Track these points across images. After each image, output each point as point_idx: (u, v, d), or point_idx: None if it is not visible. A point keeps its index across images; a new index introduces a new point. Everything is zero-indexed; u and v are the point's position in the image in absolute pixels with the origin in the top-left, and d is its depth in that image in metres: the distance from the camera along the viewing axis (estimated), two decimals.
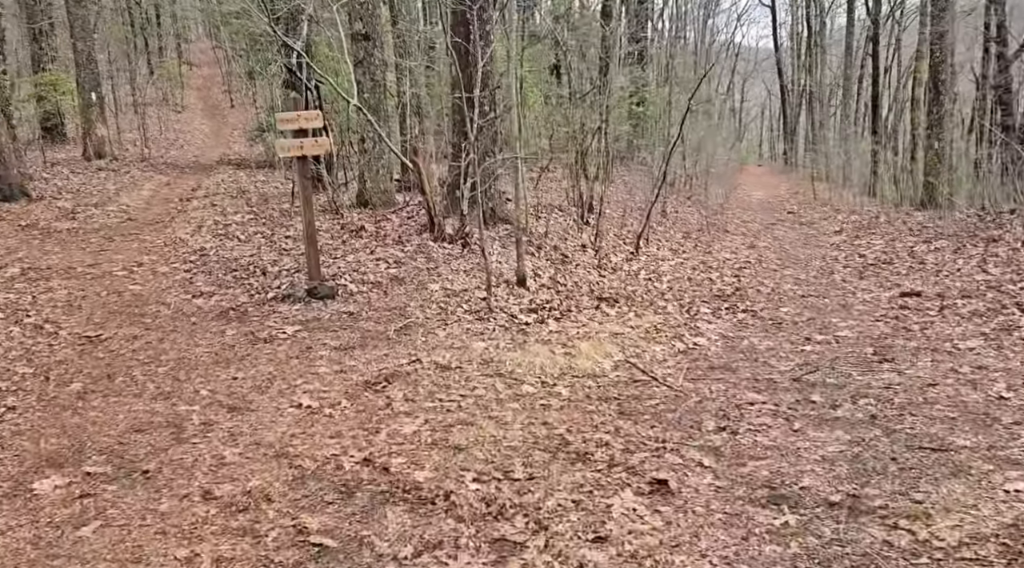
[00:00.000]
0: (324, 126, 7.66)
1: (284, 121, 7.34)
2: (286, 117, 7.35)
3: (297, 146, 7.37)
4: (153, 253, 9.56)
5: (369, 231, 9.52)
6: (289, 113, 7.38)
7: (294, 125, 7.36)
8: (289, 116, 7.34)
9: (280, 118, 7.34)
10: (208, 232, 10.32)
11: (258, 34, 18.69)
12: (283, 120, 7.34)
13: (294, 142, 7.38)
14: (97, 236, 10.80)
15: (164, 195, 14.80)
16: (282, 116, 7.36)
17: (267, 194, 14.07)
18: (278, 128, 7.43)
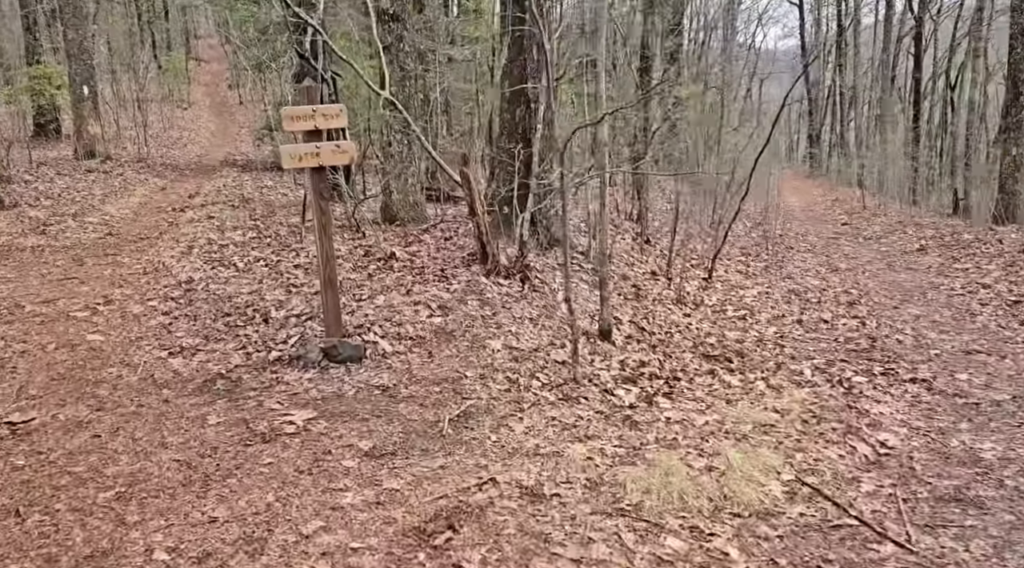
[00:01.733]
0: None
1: (294, 118, 5.20)
2: (296, 113, 5.20)
3: (311, 153, 5.23)
4: (128, 284, 7.44)
5: (401, 259, 7.39)
6: (300, 107, 5.23)
7: (307, 124, 5.22)
8: (300, 111, 5.20)
9: (288, 114, 5.19)
10: (200, 255, 8.18)
11: (267, 22, 16.55)
12: (292, 117, 5.19)
13: (307, 148, 5.24)
14: (66, 257, 8.69)
15: (157, 202, 12.66)
16: (291, 111, 5.21)
17: (273, 203, 11.93)
18: (285, 128, 5.29)
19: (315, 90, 5.27)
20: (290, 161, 5.26)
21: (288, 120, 5.24)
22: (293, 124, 5.26)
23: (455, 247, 8.12)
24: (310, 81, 5.25)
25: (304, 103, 5.33)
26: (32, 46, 22.90)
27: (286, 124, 5.24)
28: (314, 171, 5.36)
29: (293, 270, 7.26)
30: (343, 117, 5.38)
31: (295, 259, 7.74)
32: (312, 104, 5.32)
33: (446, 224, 9.65)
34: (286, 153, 5.25)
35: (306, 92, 5.26)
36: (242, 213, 10.90)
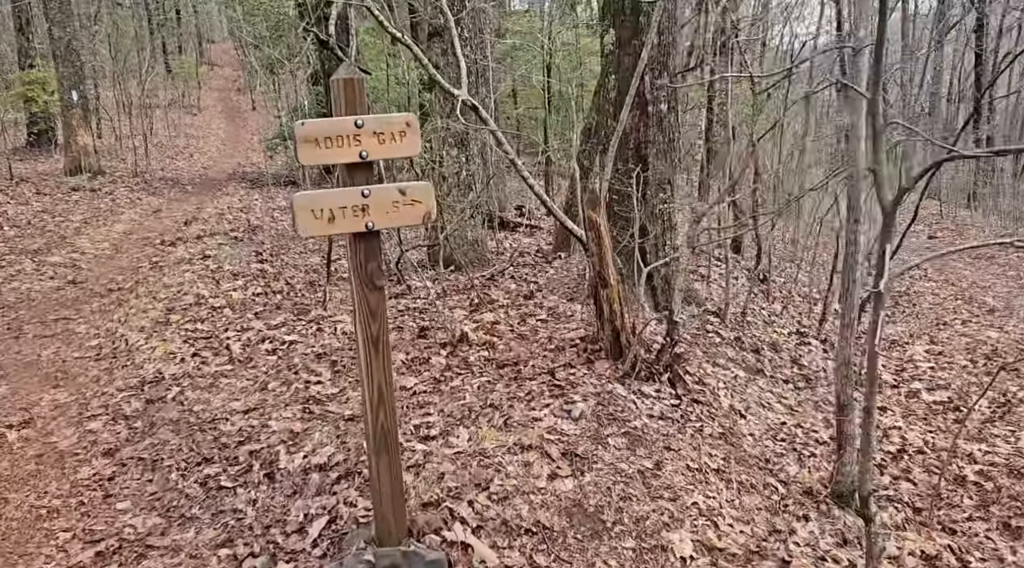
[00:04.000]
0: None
1: (319, 140, 2.58)
2: (324, 130, 2.58)
3: (355, 208, 2.63)
4: (68, 382, 4.83)
5: (476, 343, 4.75)
6: (332, 121, 2.61)
7: (346, 151, 2.61)
8: (333, 127, 2.58)
9: (308, 134, 2.55)
10: (181, 327, 5.56)
11: (279, 14, 13.94)
12: (316, 138, 2.57)
13: (345, 197, 2.63)
14: (0, 325, 6.11)
15: (145, 231, 10.06)
16: (314, 129, 2.56)
17: (286, 233, 9.31)
18: (302, 158, 2.67)
19: (359, 83, 2.65)
20: (314, 225, 2.63)
21: (308, 145, 2.60)
22: (318, 151, 2.63)
23: (548, 314, 5.48)
24: (353, 69, 2.57)
25: (342, 108, 2.69)
26: (25, 48, 20.37)
27: (304, 154, 2.61)
28: (358, 238, 2.74)
29: (314, 364, 4.63)
30: (415, 137, 2.76)
31: (317, 338, 5.12)
32: (355, 111, 2.68)
33: (519, 270, 7.02)
34: (304, 210, 2.60)
35: (344, 87, 2.63)
36: (246, 250, 8.28)
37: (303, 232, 2.65)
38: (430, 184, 2.85)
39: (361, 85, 2.71)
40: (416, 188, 2.81)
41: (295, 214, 2.62)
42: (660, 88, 5.75)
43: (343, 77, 2.67)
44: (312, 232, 2.67)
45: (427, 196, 2.82)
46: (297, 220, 2.62)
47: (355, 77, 2.69)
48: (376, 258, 2.80)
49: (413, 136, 2.77)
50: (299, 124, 2.61)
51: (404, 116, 2.78)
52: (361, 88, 2.71)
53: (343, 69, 2.69)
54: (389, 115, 2.75)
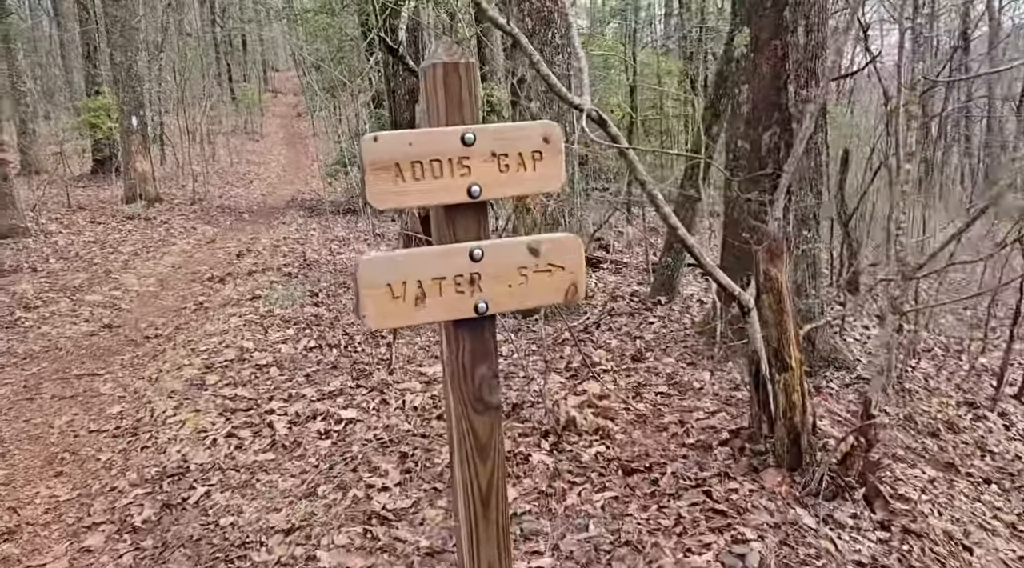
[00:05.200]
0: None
1: (399, 165, 1.51)
2: (410, 149, 1.51)
3: (461, 284, 1.56)
4: (76, 468, 3.85)
5: (585, 428, 3.60)
6: (426, 134, 1.54)
7: (448, 186, 1.55)
8: (430, 145, 1.52)
9: (381, 155, 1.48)
10: (217, 394, 4.55)
11: (342, 34, 13.20)
12: (394, 163, 1.50)
13: (447, 261, 1.56)
14: (16, 377, 5.21)
15: (196, 264, 9.24)
16: (394, 148, 1.49)
17: (345, 269, 8.34)
18: (372, 197, 1.61)
19: (468, 71, 1.58)
20: (391, 311, 1.54)
21: (382, 174, 1.52)
22: (399, 185, 1.54)
23: (668, 384, 4.30)
24: (460, 50, 1.51)
25: (439, 113, 1.60)
26: (92, 75, 20.27)
27: (377, 190, 1.52)
28: (460, 328, 1.64)
29: (378, 456, 3.53)
30: (557, 162, 1.66)
31: (381, 415, 4.03)
32: (462, 118, 1.60)
33: (612, 317, 5.86)
34: (375, 287, 1.52)
35: (445, 78, 1.54)
36: (300, 289, 7.31)
37: (373, 323, 1.56)
38: (578, 239, 1.73)
39: (472, 74, 1.62)
40: (556, 245, 1.70)
41: (359, 293, 1.53)
42: (807, 100, 4.56)
43: (443, 60, 1.58)
44: (388, 322, 1.58)
45: (572, 258, 1.71)
46: (363, 302, 1.52)
47: (462, 61, 1.60)
48: (489, 359, 1.69)
49: (554, 160, 1.66)
50: (369, 139, 1.52)
51: (540, 126, 1.67)
52: (472, 79, 1.62)
53: (442, 48, 1.60)
54: (517, 126, 1.65)
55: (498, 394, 1.70)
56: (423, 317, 1.59)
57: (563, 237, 1.71)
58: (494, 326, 1.70)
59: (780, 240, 2.82)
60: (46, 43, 31.57)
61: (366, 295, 1.52)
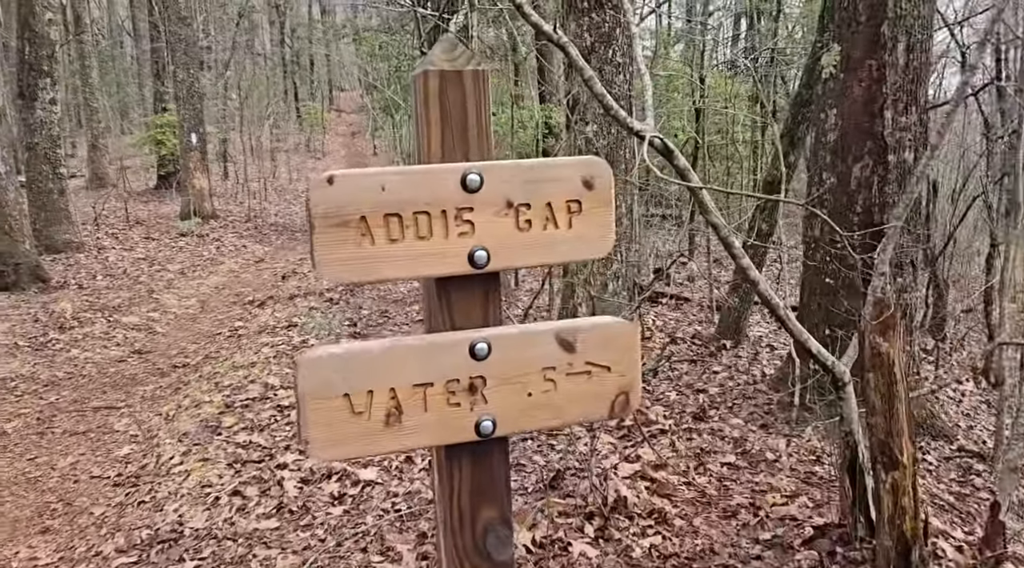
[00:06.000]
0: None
1: (366, 220, 1.03)
2: (380, 196, 1.03)
3: (455, 393, 1.05)
4: (64, 524, 3.45)
5: (637, 512, 3.03)
6: (408, 173, 1.06)
7: (440, 250, 1.05)
8: (415, 189, 1.04)
9: (333, 206, 1.02)
10: (228, 444, 4.12)
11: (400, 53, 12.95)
12: (356, 216, 1.02)
13: (436, 359, 1.06)
14: (33, 406, 4.91)
15: (239, 287, 8.98)
16: (354, 195, 1.02)
17: (388, 296, 7.93)
18: (320, 266, 1.12)
19: (476, 81, 1.11)
20: (343, 436, 1.04)
21: (336, 233, 1.03)
22: (362, 249, 1.05)
23: (736, 452, 3.69)
24: (463, 52, 1.03)
25: (432, 142, 1.11)
26: (160, 92, 20.65)
27: (327, 256, 1.04)
28: (455, 455, 1.13)
29: (394, 535, 3.01)
30: (602, 218, 1.14)
31: (403, 478, 3.53)
32: (466, 150, 1.10)
33: (672, 363, 5.26)
34: (319, 398, 1.02)
35: (440, 89, 1.06)
36: (340, 317, 6.91)
37: (321, 452, 1.05)
38: (632, 326, 1.20)
39: (482, 87, 1.10)
40: (599, 335, 1.17)
41: (301, 407, 1.02)
42: (906, 129, 3.93)
43: (439, 67, 1.08)
44: (344, 450, 1.07)
45: (623, 354, 1.17)
46: (307, 421, 1.02)
47: (468, 68, 1.09)
48: (498, 500, 1.16)
49: (599, 214, 1.14)
50: (320, 181, 1.02)
51: (578, 165, 1.14)
52: (482, 94, 1.10)
53: (440, 49, 1.10)
54: (545, 163, 1.12)
55: (509, 549, 1.18)
56: (398, 443, 1.08)
57: (609, 324, 1.18)
58: (506, 452, 1.18)
59: (893, 307, 2.23)
60: (124, 61, 32.63)
61: (312, 410, 1.02)
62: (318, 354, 1.04)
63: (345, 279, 1.06)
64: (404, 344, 1.08)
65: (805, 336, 2.43)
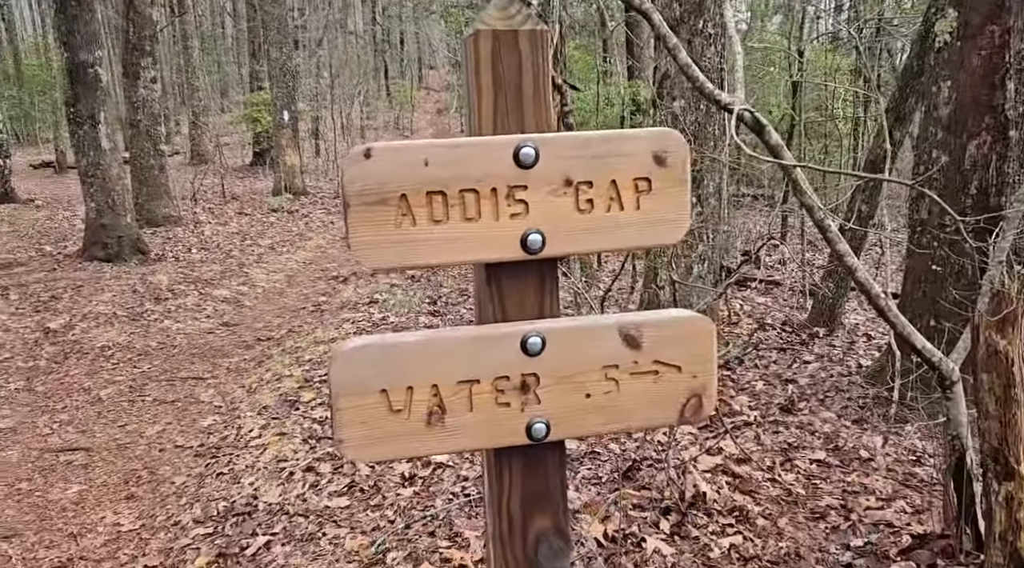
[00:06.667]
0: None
1: (407, 198, 0.93)
2: (423, 172, 0.93)
3: (504, 391, 0.95)
4: (148, 492, 3.56)
5: (717, 508, 2.88)
6: (452, 146, 0.95)
7: (487, 232, 0.95)
8: (461, 163, 0.93)
9: (371, 183, 0.92)
10: (304, 419, 4.17)
11: None
12: (397, 194, 0.92)
13: (481, 353, 0.96)
14: (127, 374, 5.11)
15: (325, 262, 9.16)
16: (393, 171, 0.92)
17: (468, 274, 7.91)
18: (355, 248, 1.03)
19: (535, 40, 0.99)
20: (370, 442, 0.95)
21: (375, 212, 0.93)
22: (401, 231, 0.95)
23: (826, 449, 3.46)
24: (517, 6, 0.92)
25: (484, 112, 0.99)
26: (255, 71, 21.27)
27: (364, 237, 0.94)
28: (504, 458, 1.02)
29: (463, 522, 2.97)
30: (677, 196, 1.00)
31: (474, 461, 3.48)
32: (521, 122, 0.98)
33: (759, 351, 5.01)
34: (353, 394, 0.94)
35: (493, 54, 0.96)
36: (420, 295, 6.93)
37: (356, 453, 0.95)
38: (706, 321, 1.05)
39: (541, 48, 0.98)
40: (668, 330, 1.03)
41: (334, 403, 0.94)
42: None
43: (492, 27, 0.96)
44: (381, 452, 0.97)
45: (697, 351, 1.04)
46: (341, 420, 0.93)
47: (525, 27, 0.97)
48: (553, 509, 1.05)
49: (672, 194, 0.99)
50: (357, 154, 0.92)
51: (649, 137, 1.00)
52: (541, 57, 0.98)
53: (494, 7, 0.98)
54: (609, 136, 0.98)
55: (564, 562, 1.07)
56: (441, 445, 0.99)
57: (681, 318, 1.04)
58: (562, 457, 1.06)
59: (1014, 301, 1.98)
60: (224, 42, 33.80)
61: (346, 407, 0.93)
62: (353, 345, 0.95)
63: (383, 264, 0.96)
64: (448, 336, 0.98)
65: (908, 329, 2.20)
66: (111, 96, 9.48)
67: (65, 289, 7.16)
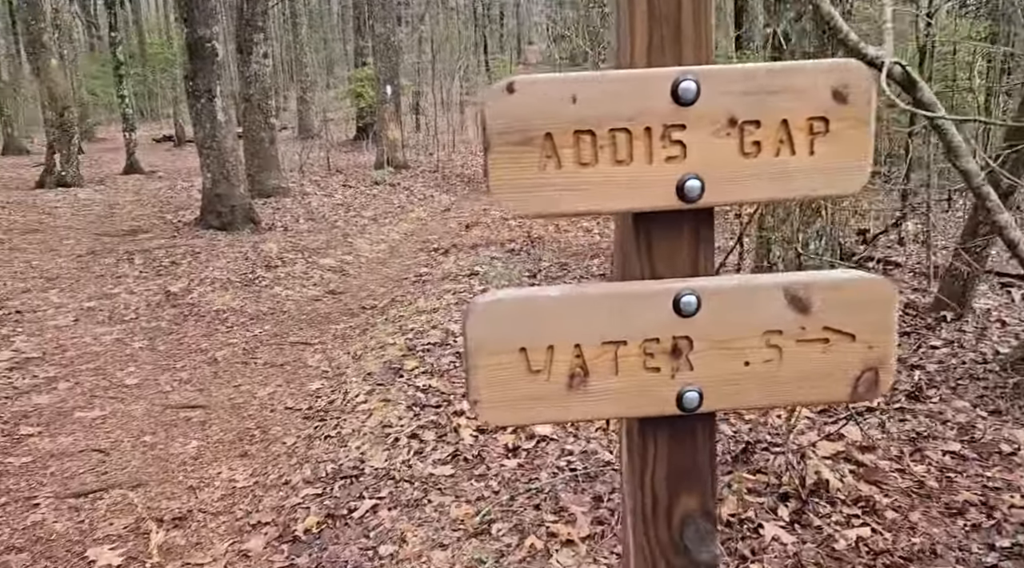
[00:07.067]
0: None
1: (552, 137, 0.84)
2: (571, 108, 0.84)
3: (654, 355, 0.86)
4: (260, 450, 3.67)
5: (840, 497, 2.70)
6: (605, 78, 0.85)
7: (641, 175, 0.84)
8: (613, 97, 0.83)
9: (514, 120, 0.83)
10: (408, 386, 4.19)
11: (590, 2, 12.58)
12: (541, 133, 0.84)
13: (630, 313, 0.86)
14: (242, 336, 5.31)
15: (427, 233, 9.26)
16: (540, 105, 0.83)
17: (568, 248, 7.80)
18: (496, 189, 0.95)
19: None
20: (508, 403, 0.87)
21: (513, 152, 0.84)
22: (548, 173, 0.86)
23: (961, 440, 3.19)
24: None
25: (637, 39, 0.88)
26: (360, 47, 21.67)
27: (502, 184, 0.86)
28: (649, 429, 0.93)
29: (569, 495, 2.89)
30: (859, 140, 0.87)
31: (579, 435, 3.39)
32: (679, 50, 0.87)
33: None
34: (489, 352, 0.86)
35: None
36: (520, 267, 6.89)
37: (492, 415, 0.88)
38: (888, 284, 0.92)
39: None
40: (845, 293, 0.90)
41: (470, 361, 0.86)
42: None
43: None
44: (517, 416, 0.89)
45: (875, 319, 0.90)
46: (476, 379, 0.85)
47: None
48: (702, 487, 0.94)
49: (853, 136, 0.85)
50: (499, 89, 0.83)
51: (828, 70, 0.86)
52: None
53: None
54: (781, 68, 0.85)
55: (713, 546, 0.97)
56: (582, 410, 0.90)
57: (856, 279, 0.91)
58: (712, 431, 0.96)
59: None
60: (330, 19, 34.61)
61: (483, 365, 0.86)
62: (492, 298, 0.87)
63: (525, 209, 0.87)
64: (593, 292, 0.89)
65: None
66: (226, 70, 9.81)
67: (184, 255, 7.51)
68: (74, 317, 5.68)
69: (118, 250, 7.85)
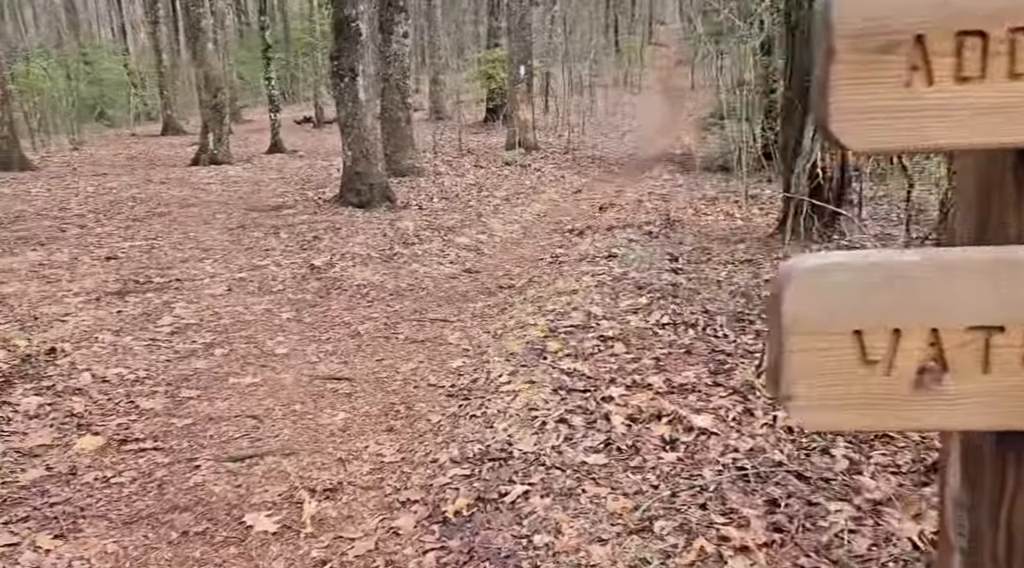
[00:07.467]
0: None
1: (924, 41, 0.63)
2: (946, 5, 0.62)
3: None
4: (405, 426, 3.62)
5: None
6: None
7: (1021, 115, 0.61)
8: None
9: (870, 22, 0.65)
10: (553, 369, 4.02)
11: None
12: (908, 36, 0.63)
13: (1002, 286, 0.63)
14: (382, 312, 5.32)
15: (560, 214, 9.09)
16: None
17: (711, 233, 7.40)
18: (833, 115, 0.75)
19: None
20: (832, 401, 0.65)
21: (866, 59, 0.61)
22: (907, 102, 0.63)
23: None
24: None
25: None
26: (493, 28, 21.71)
27: (848, 107, 0.64)
28: (1013, 448, 0.68)
29: (735, 492, 2.62)
30: None
31: (742, 432, 3.10)
32: None
33: None
34: (811, 348, 0.65)
35: None
36: (659, 251, 6.59)
37: (809, 417, 0.65)
38: None
39: None
40: None
41: (782, 344, 0.64)
42: None
43: None
44: (845, 420, 0.66)
45: None
46: (789, 366, 0.63)
47: None
48: None
49: None
50: None
51: None
52: None
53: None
54: None
55: None
56: (931, 417, 0.67)
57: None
58: None
59: None
60: (463, 1, 34.88)
61: (799, 351, 0.64)
62: (816, 263, 0.66)
63: (873, 143, 0.65)
64: (957, 258, 0.66)
65: None
66: (369, 50, 9.96)
67: (325, 230, 7.68)
68: (227, 287, 5.89)
69: (265, 224, 8.14)
